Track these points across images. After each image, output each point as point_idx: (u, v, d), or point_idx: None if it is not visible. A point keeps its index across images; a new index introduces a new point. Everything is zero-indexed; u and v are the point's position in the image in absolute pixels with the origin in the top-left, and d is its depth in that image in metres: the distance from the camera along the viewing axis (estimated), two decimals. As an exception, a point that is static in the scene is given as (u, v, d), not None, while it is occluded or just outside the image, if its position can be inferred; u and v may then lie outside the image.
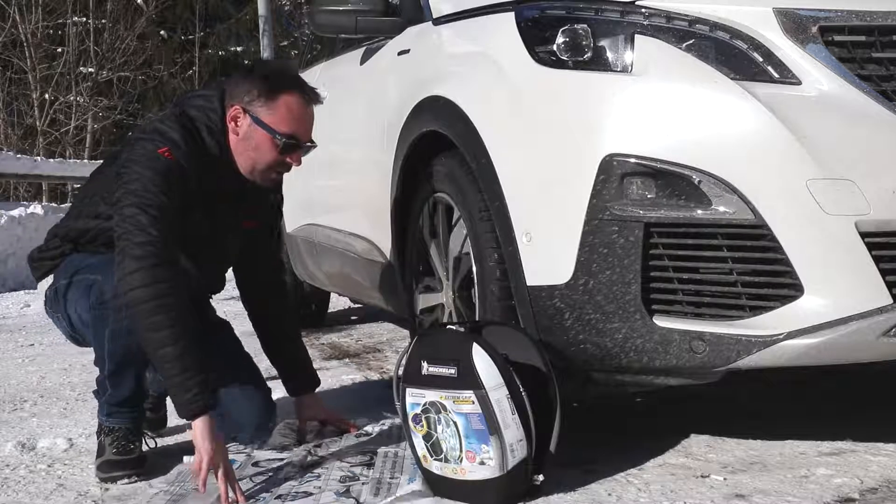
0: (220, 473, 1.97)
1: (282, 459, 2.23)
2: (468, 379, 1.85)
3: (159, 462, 2.30)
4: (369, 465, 2.16)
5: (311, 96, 2.25)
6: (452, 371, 1.88)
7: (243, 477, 2.11)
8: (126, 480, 2.21)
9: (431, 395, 1.91)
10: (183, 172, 2.14)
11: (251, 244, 2.48)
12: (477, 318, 2.35)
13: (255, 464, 2.22)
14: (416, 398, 1.94)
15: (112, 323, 2.17)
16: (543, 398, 1.92)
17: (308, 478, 2.09)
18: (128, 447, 2.26)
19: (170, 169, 2.12)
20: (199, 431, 2.00)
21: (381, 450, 2.27)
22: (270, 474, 2.13)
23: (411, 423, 1.96)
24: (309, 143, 2.26)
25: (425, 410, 1.92)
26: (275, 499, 1.97)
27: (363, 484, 2.01)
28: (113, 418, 2.28)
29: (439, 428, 1.90)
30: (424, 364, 1.92)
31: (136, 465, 2.25)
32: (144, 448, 2.33)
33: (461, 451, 1.88)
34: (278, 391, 2.59)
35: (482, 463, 1.85)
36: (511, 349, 1.95)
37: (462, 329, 2.00)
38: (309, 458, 2.23)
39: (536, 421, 1.87)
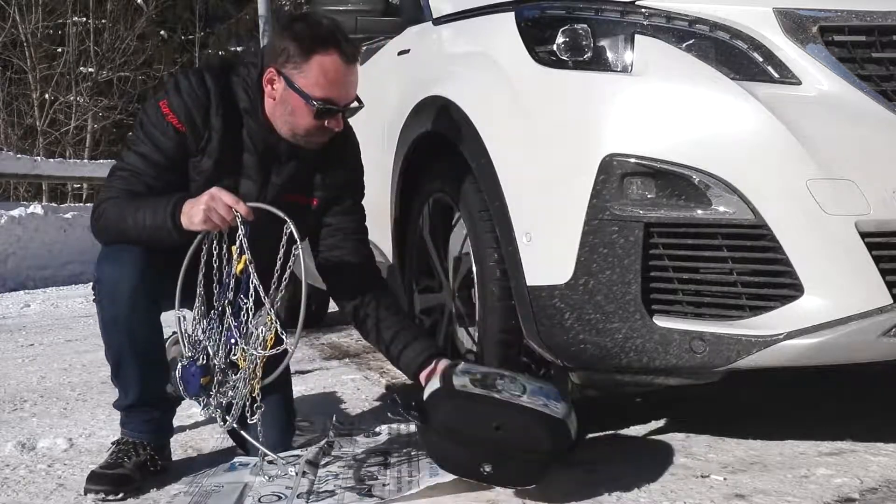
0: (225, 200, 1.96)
1: (297, 457, 2.22)
2: None
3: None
4: (385, 464, 2.16)
5: (349, 54, 2.09)
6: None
7: (260, 475, 2.11)
8: (93, 496, 2.03)
9: None
10: (174, 126, 2.10)
11: (324, 235, 2.29)
12: (477, 320, 2.35)
13: (272, 462, 2.22)
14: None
15: (100, 312, 2.11)
16: None
17: (326, 477, 2.09)
18: (119, 461, 2.11)
19: (158, 121, 2.11)
20: (188, 206, 1.97)
21: (395, 450, 2.29)
22: (288, 473, 2.12)
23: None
24: (352, 105, 2.14)
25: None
26: (297, 497, 1.97)
27: (384, 485, 2.01)
28: (125, 428, 2.19)
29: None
30: None
31: (112, 483, 2.05)
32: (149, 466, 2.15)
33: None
34: (299, 386, 2.54)
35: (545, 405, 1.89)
36: None
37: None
38: (323, 458, 2.22)
39: None
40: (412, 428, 2.50)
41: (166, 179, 2.11)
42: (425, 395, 1.95)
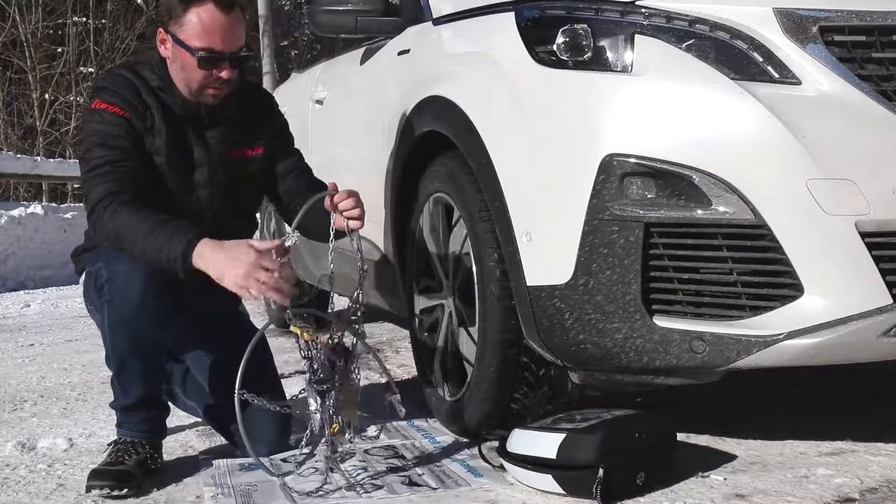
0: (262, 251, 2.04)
1: (313, 455, 2.21)
2: None
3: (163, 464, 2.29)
4: (400, 456, 2.23)
5: (223, 3, 2.18)
6: None
7: (289, 473, 2.11)
8: (98, 492, 2.06)
9: None
10: (118, 114, 2.17)
11: (277, 182, 2.44)
12: (477, 320, 2.34)
13: (285, 460, 2.25)
14: None
15: (108, 311, 2.11)
16: None
17: (355, 471, 2.12)
18: (120, 458, 2.13)
19: (102, 118, 2.16)
20: (209, 253, 1.97)
21: (399, 443, 2.34)
22: (312, 468, 2.14)
23: None
24: (233, 52, 2.20)
25: None
26: (346, 489, 2.00)
27: (420, 474, 2.07)
28: (123, 428, 2.20)
29: None
30: None
31: (116, 479, 2.08)
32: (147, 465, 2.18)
33: None
34: (297, 386, 2.54)
35: None
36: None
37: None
38: (338, 456, 2.22)
39: None
40: (408, 425, 2.51)
41: (141, 160, 2.16)
42: (544, 453, 1.95)
